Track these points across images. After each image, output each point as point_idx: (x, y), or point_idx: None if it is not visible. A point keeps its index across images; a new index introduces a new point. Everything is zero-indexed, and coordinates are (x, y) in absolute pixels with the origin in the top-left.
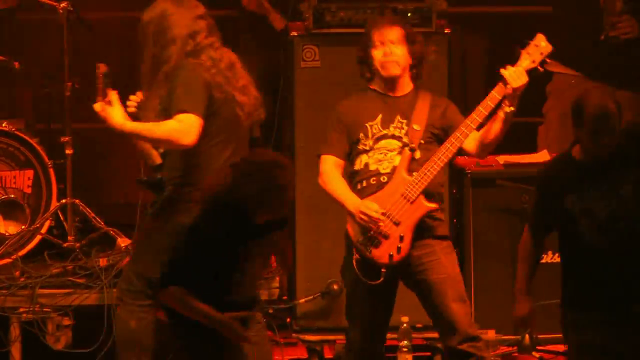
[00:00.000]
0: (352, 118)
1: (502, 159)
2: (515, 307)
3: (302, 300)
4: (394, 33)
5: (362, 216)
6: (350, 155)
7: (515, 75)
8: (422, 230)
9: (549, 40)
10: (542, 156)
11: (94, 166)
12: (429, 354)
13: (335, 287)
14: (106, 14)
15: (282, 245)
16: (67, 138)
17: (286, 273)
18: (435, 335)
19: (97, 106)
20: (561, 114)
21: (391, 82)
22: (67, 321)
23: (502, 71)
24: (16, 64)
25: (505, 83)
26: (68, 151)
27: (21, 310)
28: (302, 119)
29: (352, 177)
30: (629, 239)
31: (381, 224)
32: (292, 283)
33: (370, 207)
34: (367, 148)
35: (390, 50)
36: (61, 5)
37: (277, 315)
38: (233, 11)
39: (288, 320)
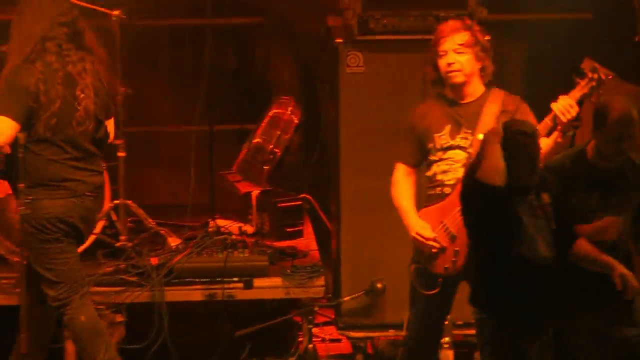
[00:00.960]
0: (423, 128)
1: None
2: None
3: (347, 298)
4: (457, 40)
5: (417, 237)
6: (425, 161)
7: (564, 110)
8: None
9: (590, 46)
10: None
11: (146, 168)
12: (467, 350)
13: (378, 285)
14: (155, 22)
15: None
16: (119, 141)
17: None
18: (471, 331)
19: None
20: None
21: (459, 89)
22: (119, 318)
23: (553, 106)
24: None
25: (556, 117)
26: (120, 154)
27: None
28: (346, 121)
29: (427, 182)
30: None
31: (434, 243)
32: (337, 282)
33: (424, 231)
34: (437, 159)
35: (454, 59)
36: (114, 12)
37: (323, 313)
38: (261, 18)
39: (333, 317)
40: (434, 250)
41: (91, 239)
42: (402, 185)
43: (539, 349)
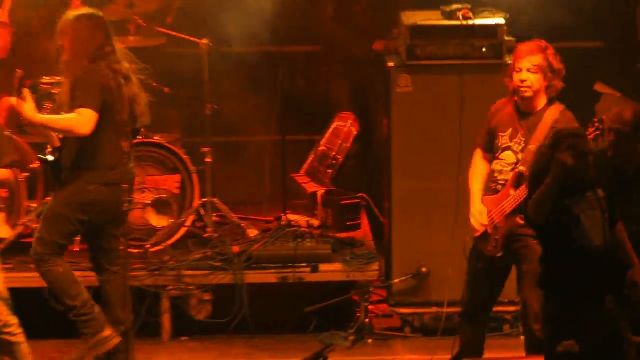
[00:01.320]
0: (494, 124)
1: None
2: None
3: (397, 281)
4: (531, 61)
5: (472, 219)
6: (492, 154)
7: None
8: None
9: (601, 70)
10: None
11: (230, 171)
12: (496, 324)
13: (423, 270)
14: (237, 49)
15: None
16: (207, 149)
17: None
18: (502, 308)
19: (14, 101)
20: (607, 127)
21: (526, 101)
22: (207, 297)
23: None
24: (166, 90)
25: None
26: (208, 159)
27: (170, 288)
28: (397, 132)
29: (489, 174)
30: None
31: (482, 228)
32: (389, 266)
33: (480, 216)
34: (497, 157)
35: (526, 77)
36: (202, 41)
37: (377, 293)
38: (321, 47)
39: (385, 296)
40: (476, 234)
41: (183, 230)
42: (477, 168)
43: (592, 327)
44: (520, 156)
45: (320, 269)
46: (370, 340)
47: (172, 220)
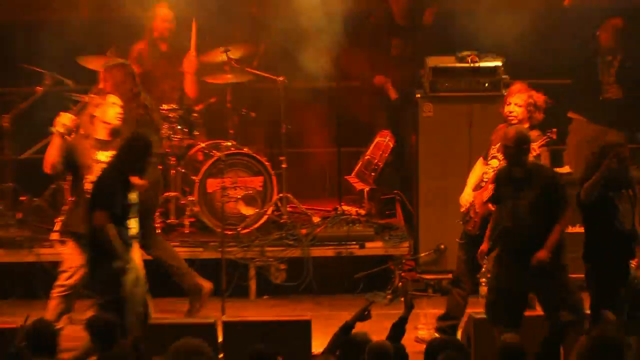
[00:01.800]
0: (491, 140)
1: None
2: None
3: (422, 255)
4: (519, 98)
5: (461, 197)
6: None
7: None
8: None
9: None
10: (566, 169)
11: (298, 174)
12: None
13: (442, 247)
14: (305, 85)
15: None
16: (282, 157)
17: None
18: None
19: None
20: (576, 144)
21: (512, 116)
22: (282, 266)
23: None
24: (252, 114)
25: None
26: (283, 165)
27: (255, 260)
28: (422, 146)
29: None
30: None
31: (466, 204)
32: (416, 244)
33: (467, 196)
34: (487, 162)
35: (513, 109)
36: (279, 78)
37: (408, 264)
38: (359, 82)
39: (414, 265)
40: (462, 209)
41: (264, 217)
42: (476, 170)
43: (627, 288)
44: (502, 163)
45: (366, 246)
46: (402, 299)
47: (257, 210)
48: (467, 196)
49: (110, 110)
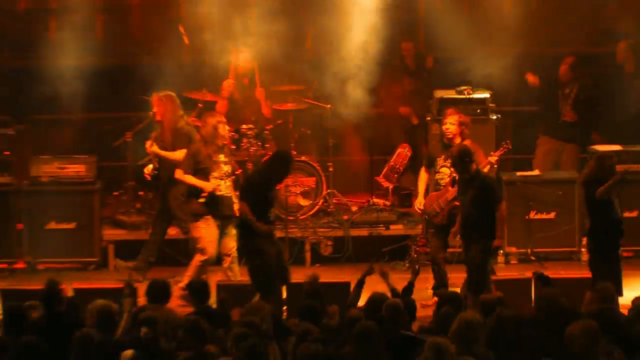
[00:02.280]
0: (434, 152)
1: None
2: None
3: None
4: (453, 117)
5: (416, 206)
6: (433, 170)
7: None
8: (453, 214)
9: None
10: (536, 172)
11: (341, 175)
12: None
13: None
14: (348, 110)
15: None
16: (330, 163)
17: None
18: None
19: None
20: (542, 154)
21: (449, 140)
22: (329, 242)
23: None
24: (308, 132)
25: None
26: (330, 169)
27: (310, 238)
28: (431, 154)
29: (434, 182)
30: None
31: (419, 211)
32: (427, 227)
33: (419, 204)
34: (438, 171)
35: (448, 126)
36: (327, 106)
37: (421, 241)
38: (384, 109)
39: (425, 242)
40: (419, 211)
41: (316, 207)
42: (422, 178)
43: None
44: (448, 171)
45: (390, 228)
46: (417, 266)
47: (311, 202)
48: (421, 200)
49: (221, 125)
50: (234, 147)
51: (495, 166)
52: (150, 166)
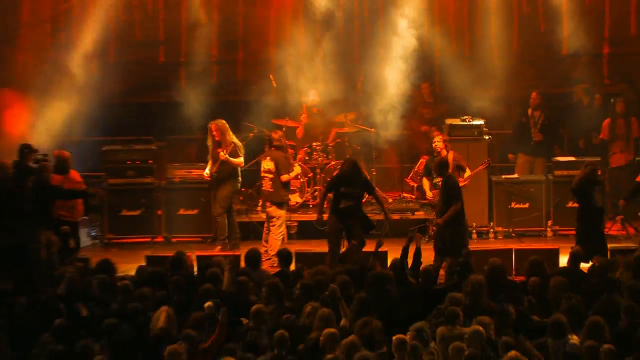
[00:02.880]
0: (430, 166)
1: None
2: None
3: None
4: (438, 138)
5: (428, 196)
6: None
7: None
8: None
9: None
10: (516, 176)
11: (383, 179)
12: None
13: None
14: (386, 132)
15: None
16: (373, 169)
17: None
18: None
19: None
20: (520, 164)
21: (438, 153)
22: (374, 223)
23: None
24: (357, 147)
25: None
26: (374, 173)
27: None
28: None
29: (435, 185)
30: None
31: (431, 198)
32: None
33: (429, 195)
34: (435, 176)
35: (437, 143)
36: (372, 130)
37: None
38: (409, 131)
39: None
40: (427, 201)
41: (364, 199)
42: (425, 183)
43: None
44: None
45: (415, 214)
46: (411, 237)
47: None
48: (429, 194)
49: (284, 140)
50: (307, 157)
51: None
52: (207, 171)
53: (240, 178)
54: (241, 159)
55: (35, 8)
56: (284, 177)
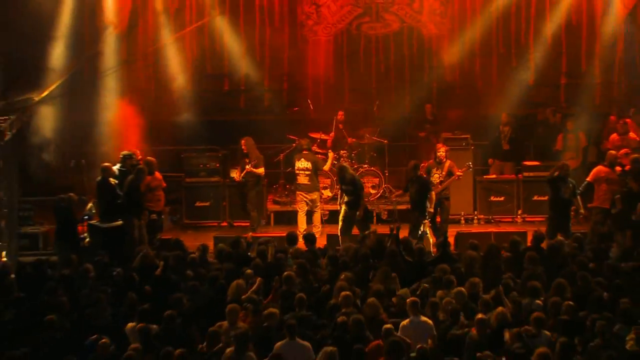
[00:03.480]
0: (431, 167)
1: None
2: None
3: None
4: (441, 148)
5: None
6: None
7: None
8: (441, 197)
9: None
10: (492, 176)
11: (393, 177)
12: None
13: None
14: (396, 142)
15: None
16: (386, 170)
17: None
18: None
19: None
20: (493, 167)
21: (439, 159)
22: (385, 212)
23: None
24: (374, 154)
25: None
26: (387, 173)
27: (375, 209)
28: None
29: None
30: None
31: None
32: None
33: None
34: (432, 176)
35: (440, 153)
36: (385, 141)
37: None
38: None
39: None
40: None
41: (379, 193)
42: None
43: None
44: (437, 174)
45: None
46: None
47: (377, 191)
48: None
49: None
50: (335, 162)
51: (459, 174)
52: (236, 175)
53: (262, 182)
54: (262, 169)
55: (130, 48)
56: (326, 167)
